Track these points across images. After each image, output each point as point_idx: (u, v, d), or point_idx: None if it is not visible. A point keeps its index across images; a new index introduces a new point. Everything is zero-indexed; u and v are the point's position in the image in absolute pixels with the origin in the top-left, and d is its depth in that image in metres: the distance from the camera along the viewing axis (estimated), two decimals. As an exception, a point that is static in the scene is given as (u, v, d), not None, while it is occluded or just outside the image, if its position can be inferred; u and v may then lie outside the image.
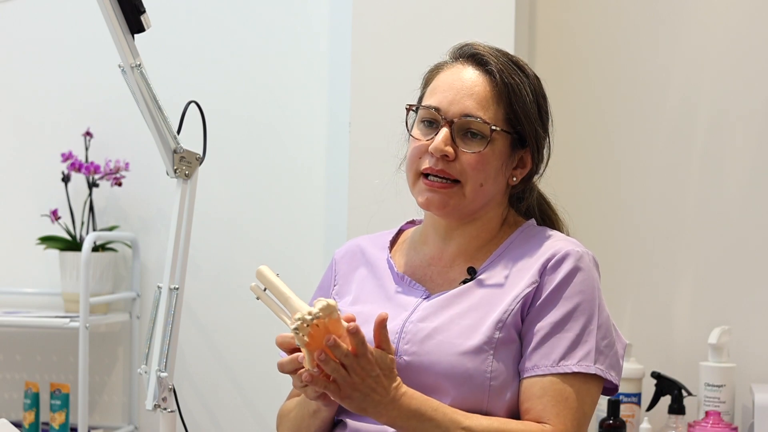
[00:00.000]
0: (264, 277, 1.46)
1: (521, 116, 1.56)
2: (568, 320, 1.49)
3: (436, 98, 1.56)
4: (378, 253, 1.68)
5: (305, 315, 1.34)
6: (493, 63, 1.56)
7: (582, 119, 2.56)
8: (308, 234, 2.65)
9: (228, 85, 2.70)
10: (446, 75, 1.58)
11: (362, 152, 2.43)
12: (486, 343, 1.48)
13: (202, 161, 1.80)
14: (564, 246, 1.54)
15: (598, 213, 2.53)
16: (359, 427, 1.52)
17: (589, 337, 1.49)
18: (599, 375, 1.49)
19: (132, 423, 2.74)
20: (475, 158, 1.53)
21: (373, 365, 1.37)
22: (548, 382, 1.47)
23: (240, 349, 2.69)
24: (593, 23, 2.56)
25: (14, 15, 2.82)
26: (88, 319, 2.47)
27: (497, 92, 1.55)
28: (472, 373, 1.47)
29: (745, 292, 2.44)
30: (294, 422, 1.61)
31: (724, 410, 2.29)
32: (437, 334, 1.50)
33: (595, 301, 1.52)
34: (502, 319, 1.49)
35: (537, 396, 1.47)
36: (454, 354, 1.48)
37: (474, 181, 1.54)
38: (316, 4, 2.65)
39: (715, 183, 2.47)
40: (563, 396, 1.46)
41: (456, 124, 1.54)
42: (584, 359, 1.48)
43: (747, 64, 2.46)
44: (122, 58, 1.71)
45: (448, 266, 1.60)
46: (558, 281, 1.51)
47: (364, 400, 1.38)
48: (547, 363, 1.48)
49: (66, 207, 2.72)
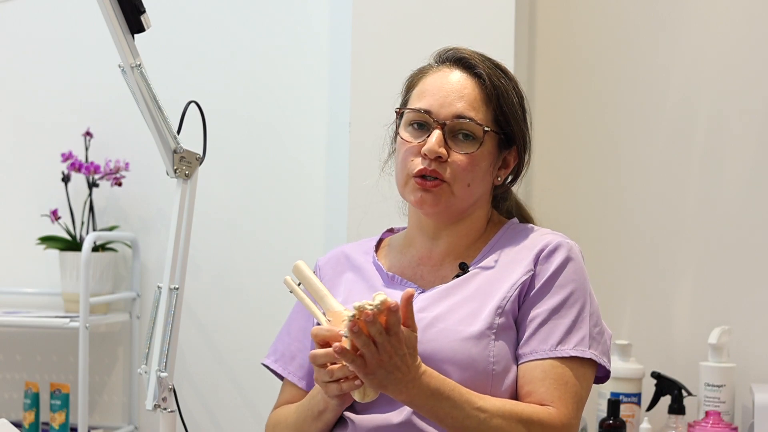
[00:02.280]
0: (300, 273, 1.50)
1: (510, 117, 1.60)
2: (563, 307, 1.54)
3: (426, 101, 1.59)
4: (363, 257, 1.70)
5: (365, 305, 1.34)
6: (480, 66, 1.60)
7: (582, 119, 2.56)
8: (308, 234, 2.65)
9: (228, 85, 2.70)
10: (433, 78, 1.61)
11: (362, 152, 2.42)
12: (487, 328, 1.52)
13: (202, 161, 1.80)
14: (554, 238, 1.60)
15: (598, 213, 2.53)
16: (361, 420, 1.53)
17: (583, 324, 1.54)
18: (593, 360, 1.54)
19: (132, 423, 2.74)
20: (466, 159, 1.57)
21: (402, 344, 1.39)
22: (549, 366, 1.51)
23: (240, 349, 2.69)
24: (593, 23, 2.56)
25: (14, 15, 2.82)
26: (88, 319, 2.47)
27: (486, 94, 1.59)
28: (476, 358, 1.50)
29: (745, 292, 2.44)
30: (294, 426, 1.61)
31: (724, 410, 2.29)
32: (438, 322, 1.53)
33: (587, 290, 1.58)
34: (501, 305, 1.53)
35: (539, 379, 1.51)
36: (457, 340, 1.51)
37: (462, 181, 1.57)
38: (316, 4, 2.65)
39: (715, 183, 2.47)
40: (564, 379, 1.51)
41: (448, 126, 1.57)
42: (580, 344, 1.53)
43: (747, 64, 2.46)
44: (122, 58, 1.71)
45: (438, 264, 1.63)
46: (552, 270, 1.56)
47: (386, 377, 1.39)
48: (545, 347, 1.52)
49: (66, 207, 2.72)
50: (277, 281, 2.62)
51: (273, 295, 2.65)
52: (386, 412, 1.51)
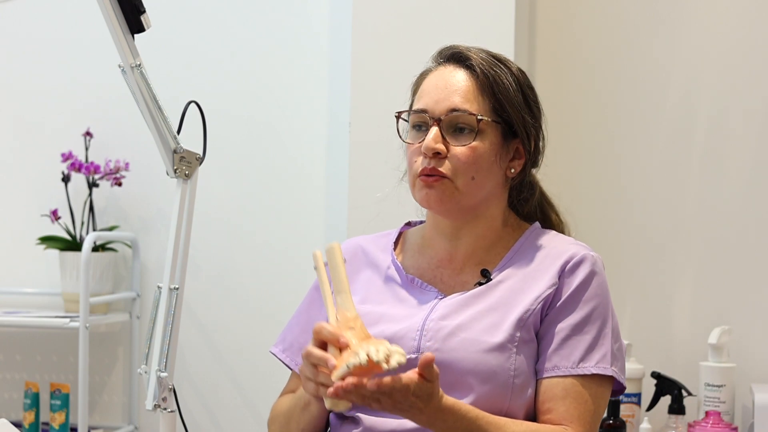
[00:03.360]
0: (332, 256, 1.44)
1: (506, 105, 1.57)
2: (587, 323, 1.52)
3: (423, 101, 1.59)
4: (381, 255, 1.68)
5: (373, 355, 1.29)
6: (473, 58, 1.58)
7: (582, 119, 2.56)
8: (308, 234, 2.65)
9: (228, 85, 2.70)
10: (430, 79, 1.61)
11: (362, 152, 2.43)
12: (509, 341, 1.50)
13: (202, 161, 1.80)
14: (578, 250, 1.57)
15: (598, 213, 2.53)
16: (374, 422, 1.52)
17: (605, 340, 1.53)
18: (613, 377, 1.53)
19: (132, 423, 2.74)
20: (466, 151, 1.55)
21: (408, 395, 1.35)
22: (570, 384, 1.50)
23: (240, 349, 2.69)
24: (593, 23, 2.56)
25: (14, 15, 2.82)
26: (88, 319, 2.47)
27: (479, 84, 1.57)
28: (497, 371, 1.48)
29: (745, 292, 2.44)
30: (285, 417, 1.62)
31: (724, 410, 2.29)
32: (460, 331, 1.51)
33: (609, 305, 1.56)
34: (523, 318, 1.52)
35: (560, 397, 1.50)
36: (479, 351, 1.49)
37: (465, 175, 1.55)
38: (316, 4, 2.65)
39: (715, 183, 2.47)
40: (583, 398, 1.50)
41: (444, 121, 1.56)
42: (601, 361, 1.51)
43: (747, 64, 2.46)
44: (122, 58, 1.71)
45: (459, 268, 1.61)
46: (577, 284, 1.54)
47: (401, 413, 1.38)
48: (567, 364, 1.51)
49: (66, 207, 2.72)
50: (278, 281, 2.66)
51: (273, 295, 2.65)
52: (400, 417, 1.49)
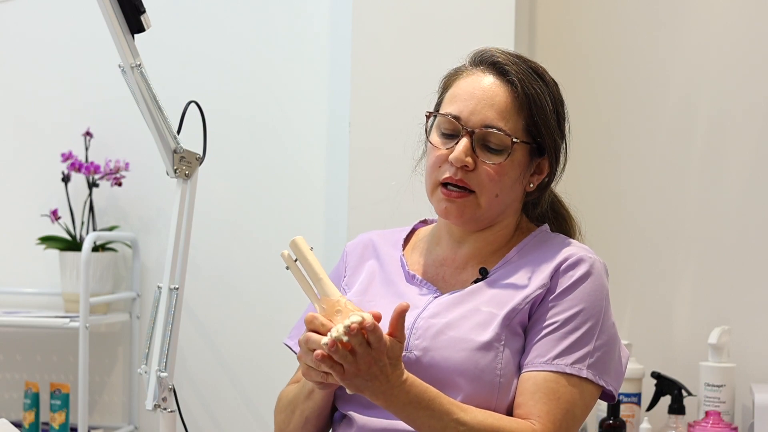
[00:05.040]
0: (298, 249, 1.43)
1: (541, 127, 1.56)
2: (571, 322, 1.50)
3: (457, 106, 1.55)
4: (390, 250, 1.68)
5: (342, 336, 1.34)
6: (513, 72, 1.55)
7: (582, 119, 2.55)
8: (308, 234, 2.63)
9: (228, 85, 2.70)
10: (466, 82, 1.57)
11: (362, 152, 2.43)
12: (495, 340, 1.49)
13: (202, 161, 1.80)
14: (577, 252, 1.56)
15: (598, 213, 2.53)
16: (366, 422, 1.52)
17: (588, 342, 1.50)
18: (598, 383, 1.50)
19: (132, 423, 2.74)
20: (494, 169, 1.53)
21: (383, 354, 1.37)
22: (541, 379, 1.48)
23: (240, 349, 2.69)
24: (593, 23, 2.56)
25: (14, 15, 2.82)
26: (88, 319, 2.47)
27: (518, 103, 1.54)
28: (483, 369, 1.48)
29: (745, 292, 2.44)
30: (290, 404, 1.62)
31: (724, 410, 2.29)
32: (448, 330, 1.51)
33: (602, 309, 1.53)
34: (510, 316, 1.51)
35: (530, 391, 1.48)
36: (466, 350, 1.49)
37: (490, 192, 1.54)
38: (316, 4, 2.65)
39: (715, 182, 2.48)
40: (555, 395, 1.47)
41: (476, 135, 1.53)
42: (578, 362, 1.49)
43: (747, 63, 2.46)
44: (122, 58, 1.71)
45: (460, 268, 1.61)
46: (568, 284, 1.52)
47: (364, 384, 1.39)
48: (542, 360, 1.49)
49: (66, 207, 2.72)
50: (278, 281, 2.66)
51: (273, 295, 2.65)
52: (394, 418, 1.49)
